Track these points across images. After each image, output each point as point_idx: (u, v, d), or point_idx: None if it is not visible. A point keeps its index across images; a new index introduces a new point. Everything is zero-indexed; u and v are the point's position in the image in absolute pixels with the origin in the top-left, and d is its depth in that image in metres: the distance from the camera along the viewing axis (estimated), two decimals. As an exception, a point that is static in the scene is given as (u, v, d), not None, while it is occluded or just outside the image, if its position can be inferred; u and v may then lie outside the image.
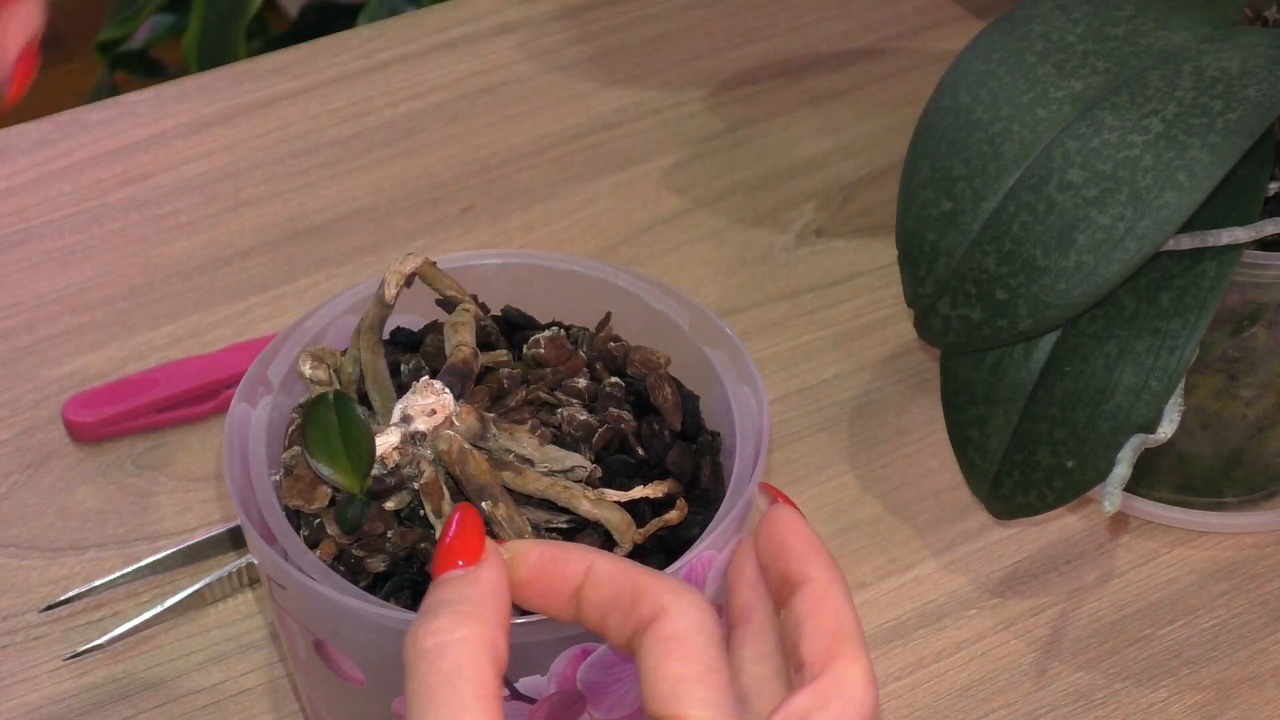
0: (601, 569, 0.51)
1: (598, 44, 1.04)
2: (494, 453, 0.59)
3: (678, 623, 0.49)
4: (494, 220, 0.92)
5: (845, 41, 1.04)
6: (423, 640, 0.48)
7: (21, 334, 0.85)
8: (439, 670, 0.47)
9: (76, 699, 0.70)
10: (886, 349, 0.85)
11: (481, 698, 0.47)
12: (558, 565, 0.52)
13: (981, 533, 0.76)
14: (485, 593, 0.50)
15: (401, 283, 0.64)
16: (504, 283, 0.68)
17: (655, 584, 0.50)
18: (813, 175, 0.95)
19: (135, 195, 0.93)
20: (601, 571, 0.51)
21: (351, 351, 0.63)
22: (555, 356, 0.64)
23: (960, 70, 0.70)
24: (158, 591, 0.74)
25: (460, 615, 0.49)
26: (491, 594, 0.50)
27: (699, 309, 0.66)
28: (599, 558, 0.51)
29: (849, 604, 0.52)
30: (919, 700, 0.70)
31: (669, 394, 0.63)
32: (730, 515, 0.58)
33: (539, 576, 0.52)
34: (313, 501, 0.59)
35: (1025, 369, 0.69)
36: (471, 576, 0.50)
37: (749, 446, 0.61)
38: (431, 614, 0.49)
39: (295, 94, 1.00)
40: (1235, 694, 0.71)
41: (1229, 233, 0.66)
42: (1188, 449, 0.74)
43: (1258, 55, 0.66)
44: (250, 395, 0.63)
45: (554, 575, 0.52)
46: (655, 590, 0.50)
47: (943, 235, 0.68)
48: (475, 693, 0.47)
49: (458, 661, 0.48)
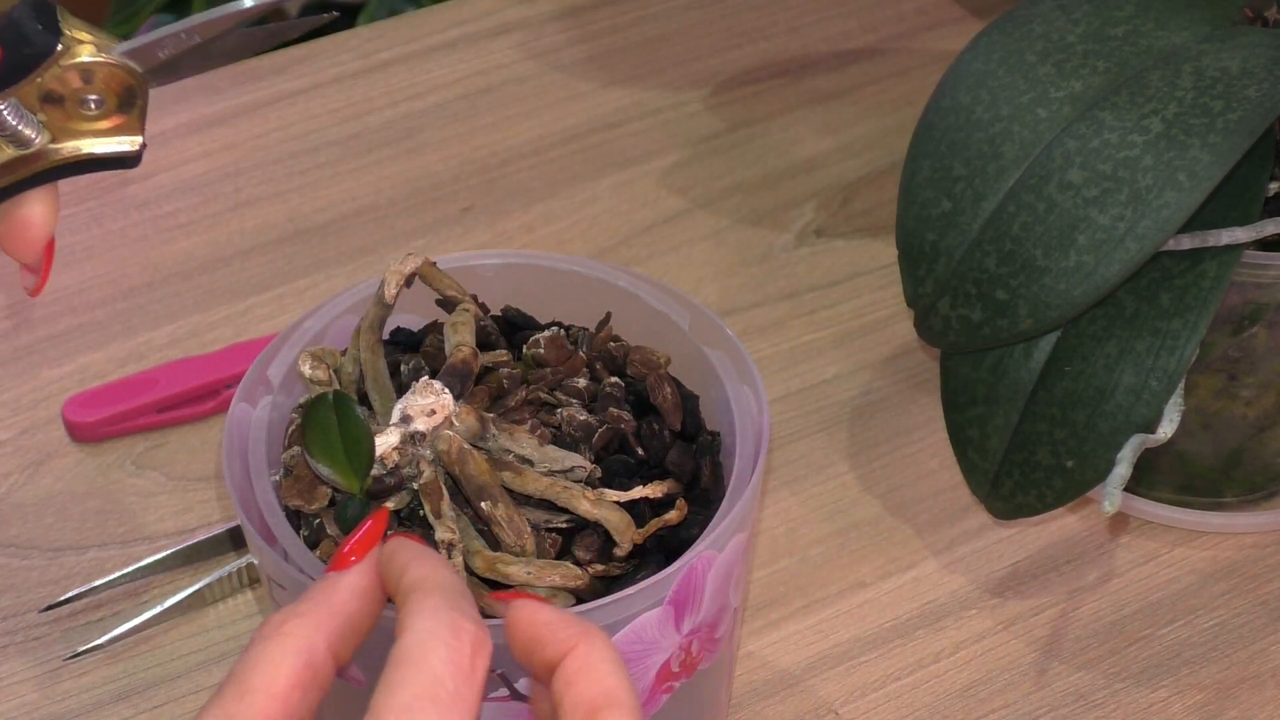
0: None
1: (598, 44, 1.04)
2: (494, 453, 0.59)
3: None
4: (494, 220, 0.92)
5: (845, 41, 1.04)
6: (261, 626, 0.49)
7: (21, 334, 0.85)
8: (246, 657, 0.48)
9: (76, 699, 0.70)
10: (886, 349, 0.85)
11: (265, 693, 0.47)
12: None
13: (981, 533, 0.76)
14: (328, 599, 0.50)
15: (401, 283, 0.64)
16: (504, 283, 0.68)
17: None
18: (813, 175, 0.95)
19: (135, 195, 0.93)
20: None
21: (351, 351, 0.63)
22: (555, 356, 0.64)
23: (960, 70, 0.70)
24: (157, 591, 0.74)
25: (292, 612, 0.49)
26: (333, 602, 0.49)
27: (699, 309, 0.66)
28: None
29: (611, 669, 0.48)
30: (919, 700, 0.70)
31: (669, 394, 0.63)
32: (730, 515, 0.58)
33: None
34: (313, 502, 0.59)
35: (1025, 369, 0.69)
36: (329, 580, 0.50)
37: (749, 446, 0.61)
38: (285, 607, 0.49)
39: (295, 94, 1.00)
40: (1235, 694, 0.71)
41: (1229, 233, 0.66)
42: (1188, 449, 0.74)
43: (1258, 55, 0.66)
44: (250, 395, 0.63)
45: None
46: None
47: (943, 235, 0.68)
48: (261, 687, 0.47)
49: (263, 654, 0.48)
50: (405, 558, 0.50)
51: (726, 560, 0.59)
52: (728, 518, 0.58)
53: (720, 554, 0.58)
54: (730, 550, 0.59)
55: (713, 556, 0.58)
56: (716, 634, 0.60)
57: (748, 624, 0.73)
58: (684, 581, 0.57)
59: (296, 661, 0.48)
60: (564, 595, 0.57)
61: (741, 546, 0.60)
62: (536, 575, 0.56)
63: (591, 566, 0.58)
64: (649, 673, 0.58)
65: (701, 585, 0.58)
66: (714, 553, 0.58)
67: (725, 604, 0.60)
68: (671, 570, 0.56)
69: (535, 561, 0.57)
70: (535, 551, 0.57)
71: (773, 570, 0.75)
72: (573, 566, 0.57)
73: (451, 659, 0.47)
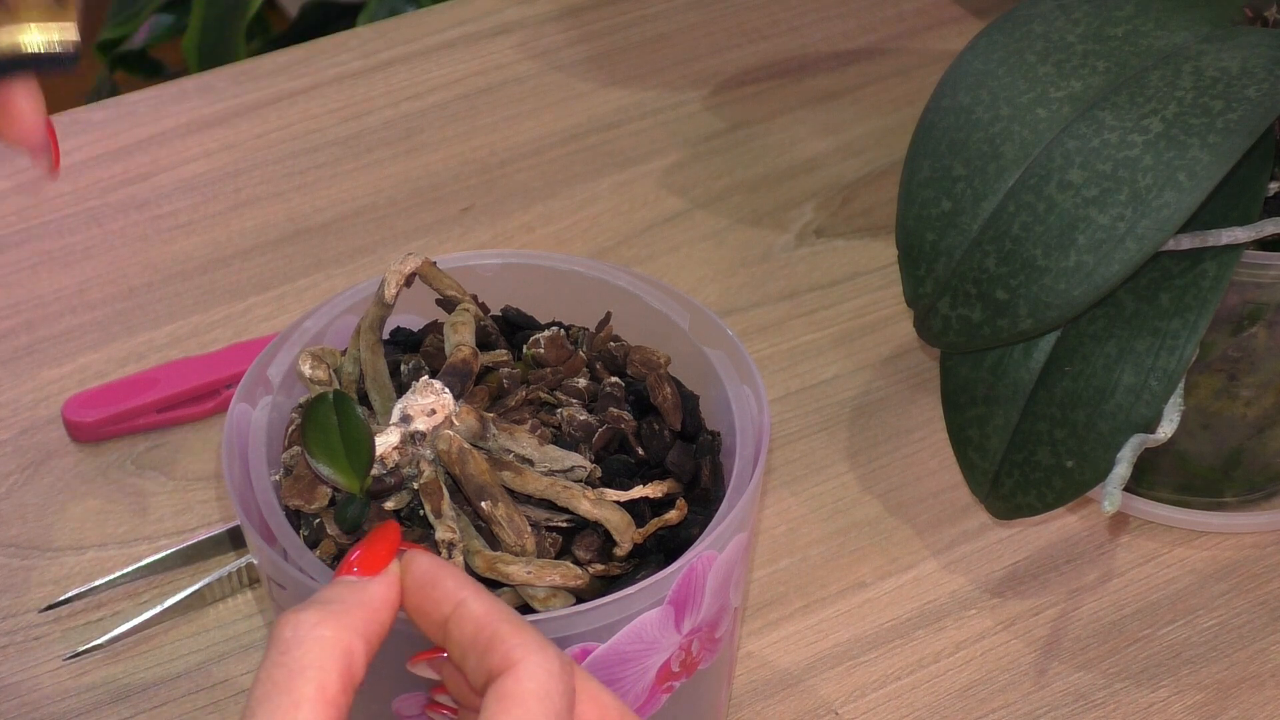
0: (470, 607, 0.49)
1: (598, 44, 1.04)
2: (494, 452, 0.59)
3: (522, 682, 0.47)
4: (494, 220, 0.92)
5: (845, 41, 1.04)
6: (284, 628, 0.47)
7: (21, 334, 0.85)
8: (287, 662, 0.47)
9: (76, 699, 0.70)
10: (886, 349, 0.85)
11: (319, 701, 0.46)
12: (433, 588, 0.50)
13: (981, 533, 0.76)
14: (363, 603, 0.49)
15: (401, 283, 0.64)
16: (504, 283, 0.68)
17: (513, 635, 0.48)
18: (813, 175, 0.95)
19: (135, 195, 0.93)
20: (468, 609, 0.49)
21: (351, 351, 0.63)
22: (555, 356, 0.64)
23: (960, 70, 0.70)
24: (158, 591, 0.74)
25: (328, 613, 0.48)
26: (370, 607, 0.49)
27: (699, 309, 0.66)
28: (472, 594, 0.49)
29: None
30: (919, 700, 0.70)
31: (669, 394, 0.63)
32: (731, 515, 0.58)
33: (416, 591, 0.50)
34: (312, 502, 0.59)
35: (1025, 369, 0.69)
36: (359, 584, 0.50)
37: (749, 446, 0.61)
38: (305, 606, 0.48)
39: (295, 94, 1.00)
40: (1235, 694, 0.71)
41: (1229, 233, 0.66)
42: (1188, 449, 0.74)
43: (1258, 55, 0.66)
44: (250, 395, 0.63)
45: (429, 597, 0.50)
46: (511, 642, 0.48)
47: (943, 235, 0.68)
48: (314, 695, 0.46)
49: (307, 658, 0.47)
50: (456, 585, 0.50)
51: (727, 560, 0.59)
52: (728, 518, 0.58)
53: (720, 554, 0.58)
54: (730, 550, 0.59)
55: (713, 556, 0.58)
56: (716, 634, 0.60)
57: (748, 624, 0.73)
58: (684, 581, 0.57)
59: (341, 665, 0.47)
60: (564, 595, 0.57)
61: (742, 546, 0.60)
62: (537, 575, 0.56)
63: (591, 566, 0.58)
64: (649, 673, 0.58)
65: (702, 585, 0.58)
66: (714, 553, 0.58)
67: (725, 604, 0.60)
68: (672, 570, 0.56)
69: (535, 561, 0.57)
70: (535, 551, 0.57)
71: (773, 570, 0.75)
72: (573, 566, 0.57)
73: (566, 694, 0.48)
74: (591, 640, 0.56)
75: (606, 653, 0.57)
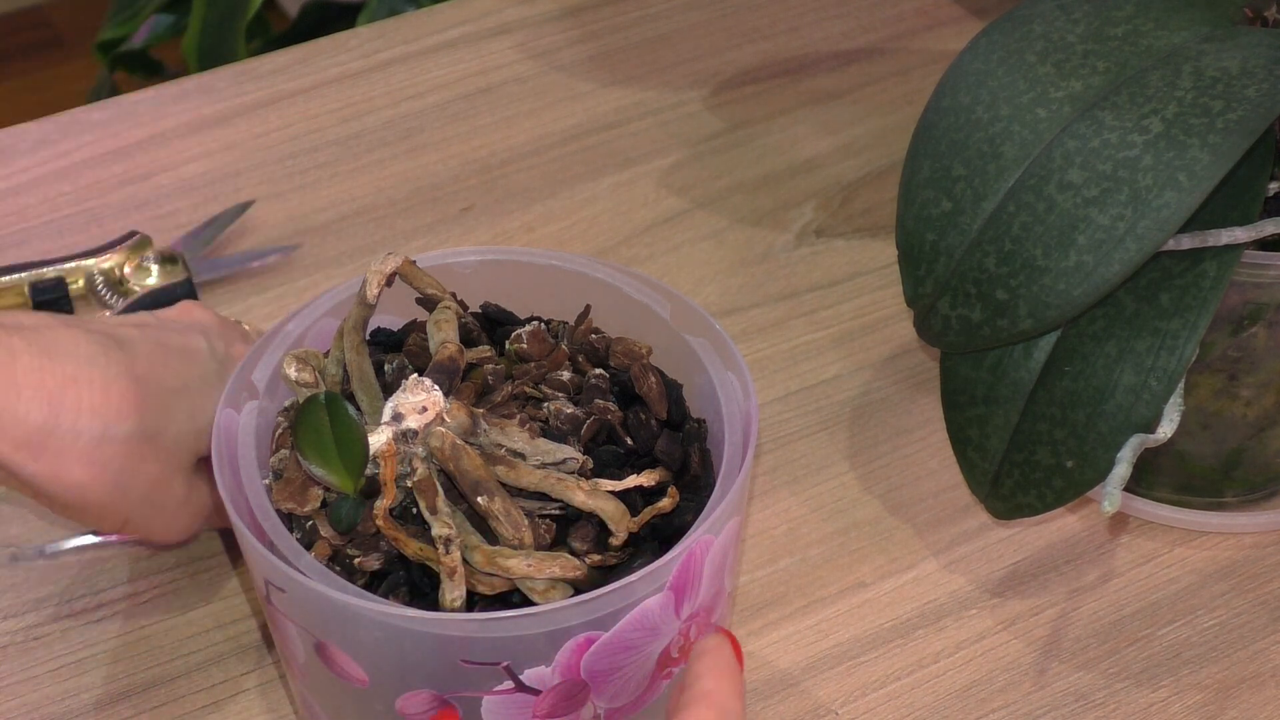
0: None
1: (598, 44, 1.04)
2: (486, 448, 0.59)
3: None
4: (494, 220, 0.92)
5: (845, 41, 1.04)
6: None
7: (21, 334, 0.85)
8: None
9: (76, 699, 0.70)
10: (886, 349, 0.85)
11: None
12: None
13: (981, 533, 0.76)
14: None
15: (383, 282, 0.64)
16: (482, 279, 0.68)
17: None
18: (813, 175, 0.95)
19: (135, 195, 0.93)
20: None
21: (335, 353, 0.63)
22: (538, 350, 0.64)
23: (960, 70, 0.70)
24: (158, 591, 0.74)
25: None
26: None
27: (678, 297, 0.66)
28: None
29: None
30: (919, 700, 0.70)
31: (654, 383, 0.63)
32: (726, 499, 0.58)
33: None
34: (305, 504, 0.59)
35: (1025, 369, 0.69)
36: None
37: (738, 431, 0.61)
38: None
39: (295, 94, 1.00)
40: (1235, 694, 0.71)
41: (1229, 233, 0.66)
42: (1188, 449, 0.74)
43: (1258, 55, 0.66)
44: (234, 401, 0.63)
45: None
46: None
47: (943, 235, 0.68)
48: None
49: None
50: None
51: (722, 544, 0.59)
52: (723, 502, 0.58)
53: (717, 538, 0.59)
54: (725, 534, 0.59)
55: (710, 541, 0.58)
56: (712, 619, 0.61)
57: (748, 624, 0.73)
58: (684, 566, 0.57)
59: None
60: (563, 586, 0.57)
61: (735, 531, 0.60)
62: (536, 567, 0.56)
63: (588, 557, 0.58)
64: (651, 659, 0.59)
65: (700, 569, 0.58)
66: (711, 537, 0.58)
67: (721, 588, 0.61)
68: (672, 555, 0.57)
69: (534, 554, 0.57)
70: (534, 544, 0.57)
71: (773, 570, 0.75)
72: (571, 558, 0.57)
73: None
74: (595, 629, 0.56)
75: (611, 641, 0.57)
